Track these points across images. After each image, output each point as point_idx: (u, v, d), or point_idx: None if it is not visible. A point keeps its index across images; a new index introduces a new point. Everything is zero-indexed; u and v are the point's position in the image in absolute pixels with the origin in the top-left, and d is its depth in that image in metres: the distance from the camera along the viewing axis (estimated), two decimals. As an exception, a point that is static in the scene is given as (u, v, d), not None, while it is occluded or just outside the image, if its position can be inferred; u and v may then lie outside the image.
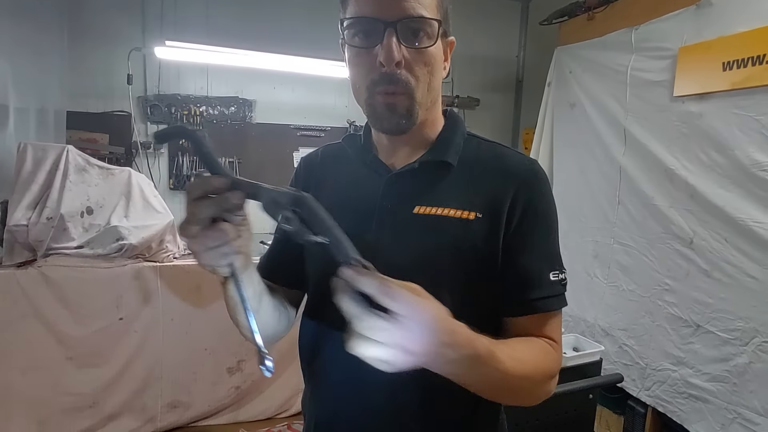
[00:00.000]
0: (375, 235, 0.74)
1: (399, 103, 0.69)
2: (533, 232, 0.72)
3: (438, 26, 0.68)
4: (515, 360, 0.62)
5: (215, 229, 0.54)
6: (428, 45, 0.68)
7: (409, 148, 0.78)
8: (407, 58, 0.67)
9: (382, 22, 0.65)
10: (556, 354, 0.72)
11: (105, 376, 2.27)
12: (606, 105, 2.44)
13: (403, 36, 0.66)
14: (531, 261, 0.72)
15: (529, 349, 0.68)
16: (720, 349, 1.89)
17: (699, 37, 1.94)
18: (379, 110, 0.70)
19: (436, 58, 0.70)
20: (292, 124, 3.42)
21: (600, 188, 2.48)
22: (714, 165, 1.90)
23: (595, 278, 2.51)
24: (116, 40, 2.94)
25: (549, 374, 0.70)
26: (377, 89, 0.69)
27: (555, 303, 0.73)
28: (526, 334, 0.72)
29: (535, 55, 3.80)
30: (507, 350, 0.61)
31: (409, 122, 0.71)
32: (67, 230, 2.19)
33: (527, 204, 0.72)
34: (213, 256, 0.55)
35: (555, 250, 0.75)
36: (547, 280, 0.72)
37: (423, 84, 0.70)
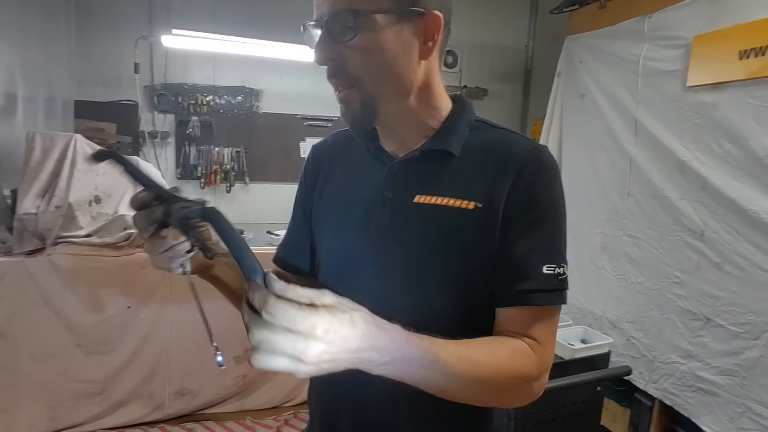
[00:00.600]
0: (377, 223, 0.74)
1: (350, 97, 0.69)
2: (530, 221, 0.68)
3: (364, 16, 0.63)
4: (467, 362, 0.58)
5: (157, 236, 0.62)
6: (351, 38, 0.64)
7: (408, 136, 0.76)
8: (345, 52, 0.66)
9: (315, 22, 0.67)
10: (534, 357, 0.66)
11: (113, 363, 2.29)
12: (617, 95, 2.40)
13: (334, 32, 0.65)
14: (524, 250, 0.68)
15: (488, 352, 0.63)
16: (730, 343, 1.88)
17: (714, 25, 1.89)
18: (339, 106, 0.72)
19: (382, 45, 0.65)
20: (299, 114, 3.41)
21: (609, 179, 2.45)
22: (727, 156, 1.87)
23: (603, 270, 2.49)
24: (123, 29, 2.94)
25: (520, 377, 0.64)
26: (330, 83, 0.71)
27: (544, 298, 0.67)
28: (510, 328, 0.68)
29: (545, 45, 3.76)
30: (457, 351, 0.58)
31: (366, 115, 0.70)
32: (75, 219, 2.21)
33: (525, 191, 0.68)
34: (161, 259, 0.64)
35: (555, 242, 0.70)
36: (540, 273, 0.67)
37: (373, 75, 0.67)
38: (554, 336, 0.71)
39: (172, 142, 3.15)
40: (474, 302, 0.71)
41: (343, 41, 0.65)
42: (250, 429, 2.37)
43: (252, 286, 0.48)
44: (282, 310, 0.46)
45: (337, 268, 0.80)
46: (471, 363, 0.59)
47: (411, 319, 0.57)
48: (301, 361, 0.47)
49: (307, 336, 0.46)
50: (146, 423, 2.35)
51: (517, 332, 0.68)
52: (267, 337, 0.46)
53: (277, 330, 0.46)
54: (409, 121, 0.74)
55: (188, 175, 3.18)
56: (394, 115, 0.72)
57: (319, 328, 0.47)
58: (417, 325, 0.57)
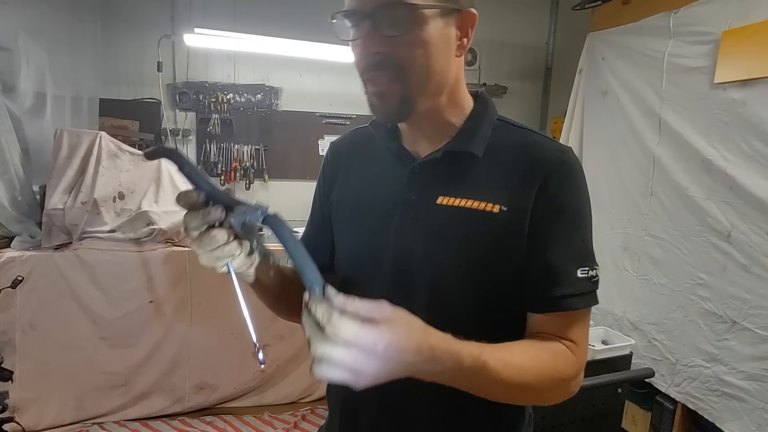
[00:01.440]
0: (398, 226, 0.73)
1: (390, 90, 0.67)
2: (561, 225, 0.68)
3: (419, 9, 0.63)
4: (513, 368, 0.60)
5: (207, 236, 0.60)
6: (408, 32, 0.63)
7: (432, 135, 0.75)
8: (391, 46, 0.64)
9: (360, 13, 0.64)
10: (574, 357, 0.68)
11: (136, 356, 2.34)
12: (640, 93, 2.35)
13: (382, 24, 0.63)
14: (558, 256, 0.68)
15: (533, 356, 0.64)
16: (758, 347, 1.83)
17: (745, 19, 1.84)
18: (371, 100, 0.70)
19: (429, 40, 0.65)
20: (318, 112, 3.42)
21: (632, 179, 2.41)
22: (756, 155, 1.82)
23: (625, 271, 2.45)
24: (146, 28, 2.99)
25: (560, 378, 0.66)
26: (365, 77, 0.69)
27: (580, 302, 0.68)
28: (547, 332, 0.69)
29: (566, 42, 3.70)
30: (504, 358, 0.60)
31: (403, 110, 0.68)
32: (100, 214, 2.26)
33: (555, 196, 0.68)
34: (208, 258, 0.62)
35: (586, 245, 0.70)
36: (575, 277, 0.68)
37: (418, 68, 0.65)
38: (588, 335, 0.72)
39: (193, 139, 3.20)
40: (496, 305, 0.71)
41: (394, 34, 0.64)
42: (268, 424, 2.40)
43: (315, 300, 0.50)
44: (345, 327, 0.48)
45: (356, 267, 0.80)
46: (517, 369, 0.61)
47: (430, 320, 0.57)
48: (361, 375, 0.49)
49: (368, 352, 0.49)
50: (167, 415, 2.40)
51: (553, 335, 0.68)
52: (330, 351, 0.48)
53: (340, 345, 0.48)
54: (436, 118, 0.73)
55: (208, 172, 3.22)
56: (425, 111, 0.70)
57: (380, 344, 0.49)
58: (437, 326, 0.57)
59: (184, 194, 0.60)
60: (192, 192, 0.60)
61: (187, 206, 0.60)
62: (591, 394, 1.60)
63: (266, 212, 0.60)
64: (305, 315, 0.50)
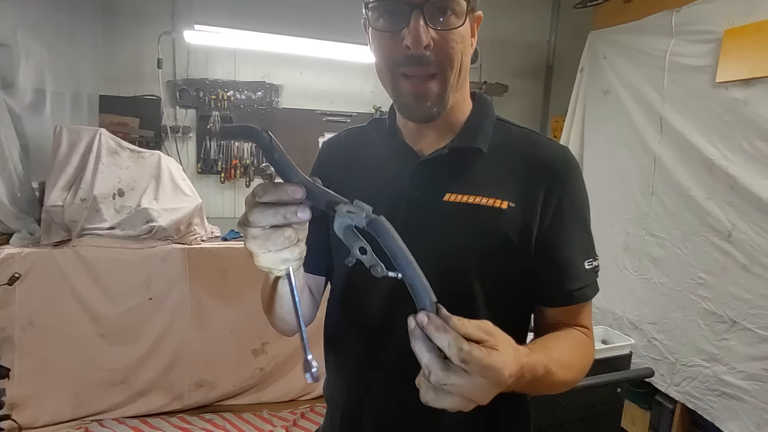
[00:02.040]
0: (403, 224, 0.72)
1: (430, 89, 0.66)
2: (569, 223, 0.72)
3: (467, 4, 0.65)
4: (565, 367, 0.64)
5: (279, 234, 0.50)
6: (458, 25, 0.65)
7: (436, 133, 0.75)
8: (436, 40, 0.64)
9: (408, 3, 0.63)
10: (591, 342, 0.75)
11: (135, 353, 2.34)
12: (642, 92, 2.34)
13: (431, 17, 0.63)
14: (568, 253, 0.72)
15: (575, 352, 0.69)
16: (758, 347, 1.82)
17: (748, 18, 1.83)
18: (407, 99, 0.68)
19: (465, 37, 0.67)
20: (318, 110, 3.41)
21: (632, 178, 2.40)
22: (758, 154, 1.81)
23: (625, 270, 2.44)
24: (146, 25, 2.98)
25: (588, 365, 0.73)
26: (401, 70, 0.67)
27: (591, 292, 0.74)
28: (561, 322, 0.73)
29: (567, 40, 3.69)
30: (560, 359, 0.63)
31: (440, 108, 0.69)
32: (99, 211, 2.25)
33: (562, 195, 0.71)
34: (272, 259, 0.52)
35: (589, 238, 0.76)
36: (584, 269, 0.73)
37: (455, 65, 0.67)
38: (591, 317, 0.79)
39: (193, 136, 3.19)
40: (508, 300, 0.72)
41: (451, 27, 0.64)
42: (267, 421, 2.40)
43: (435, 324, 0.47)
44: (477, 357, 0.46)
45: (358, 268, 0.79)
46: (568, 367, 0.65)
47: None
48: (475, 403, 0.49)
49: (491, 381, 0.48)
50: (166, 412, 2.40)
51: (567, 324, 0.73)
52: (456, 381, 0.47)
53: (464, 376, 0.46)
54: (446, 116, 0.73)
55: (208, 169, 3.21)
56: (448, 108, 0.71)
57: (506, 375, 0.49)
58: None
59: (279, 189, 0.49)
60: (295, 189, 0.50)
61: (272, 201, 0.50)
62: (590, 393, 1.60)
63: (371, 215, 0.51)
64: (422, 340, 0.47)
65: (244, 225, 0.51)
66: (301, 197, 0.50)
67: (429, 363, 0.47)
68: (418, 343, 0.48)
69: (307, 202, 0.51)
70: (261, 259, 0.52)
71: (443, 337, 0.46)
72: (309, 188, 0.50)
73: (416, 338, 0.48)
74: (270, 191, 0.50)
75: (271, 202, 0.50)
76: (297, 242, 0.52)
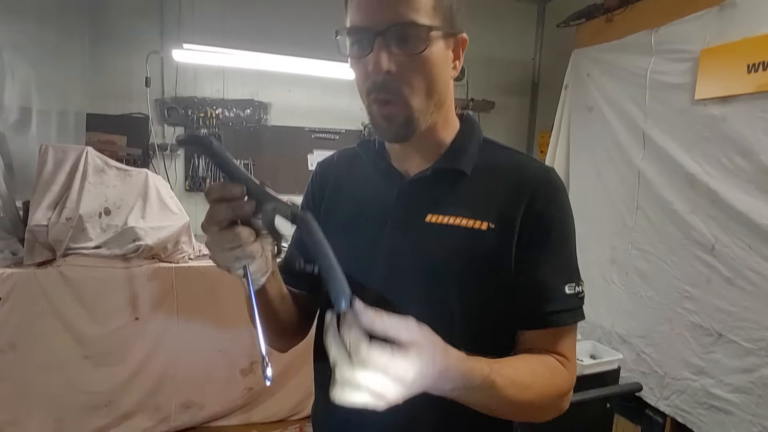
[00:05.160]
0: (388, 243, 0.74)
1: (396, 112, 0.68)
2: (548, 243, 0.70)
3: (429, 30, 0.64)
4: (518, 386, 0.62)
5: (230, 231, 0.55)
6: (420, 50, 0.65)
7: (421, 154, 0.76)
8: (400, 65, 0.65)
9: (372, 31, 0.64)
10: (567, 373, 0.70)
11: (120, 375, 2.29)
12: (624, 108, 2.40)
13: (393, 43, 0.64)
14: (546, 273, 0.70)
15: (534, 374, 0.66)
16: (744, 360, 1.84)
17: (722, 38, 1.89)
18: (377, 120, 0.70)
19: (434, 61, 0.67)
20: (307, 127, 3.43)
21: (618, 193, 2.44)
22: (737, 170, 1.85)
23: (612, 284, 2.46)
24: (135, 44, 2.99)
25: (557, 395, 0.68)
26: (371, 97, 0.68)
27: (569, 317, 0.70)
28: (538, 347, 0.70)
29: (552, 58, 3.76)
30: (510, 376, 0.61)
31: (408, 131, 0.69)
32: (85, 230, 2.23)
33: (541, 214, 0.70)
34: (226, 257, 0.57)
35: (572, 262, 0.73)
36: (563, 293, 0.70)
37: (420, 90, 0.67)
38: (575, 349, 0.74)
39: (181, 154, 3.18)
40: (488, 321, 0.72)
41: (406, 54, 0.64)
42: (255, 443, 2.36)
43: (344, 322, 0.49)
44: (375, 358, 0.47)
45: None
46: (521, 386, 0.62)
47: None
48: (385, 399, 0.49)
49: (395, 380, 0.48)
50: (152, 435, 2.35)
51: (545, 350, 0.70)
52: (355, 377, 0.47)
53: (366, 374, 0.47)
54: (430, 138, 0.74)
55: (197, 187, 3.20)
56: (424, 130, 0.71)
57: (410, 375, 0.49)
58: None
59: (222, 186, 0.55)
60: (234, 186, 0.55)
61: (219, 198, 0.55)
62: (580, 409, 1.60)
63: (296, 211, 0.55)
64: (331, 335, 0.49)
65: (204, 228, 0.57)
66: (241, 193, 0.55)
67: (335, 358, 0.48)
68: (328, 338, 0.49)
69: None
70: (216, 257, 0.58)
71: (347, 334, 0.48)
72: (249, 186, 0.55)
73: (328, 333, 0.49)
74: (215, 189, 0.55)
75: (216, 198, 0.55)
76: (252, 243, 0.57)
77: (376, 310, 0.50)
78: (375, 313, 0.50)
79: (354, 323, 0.49)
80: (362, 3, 0.65)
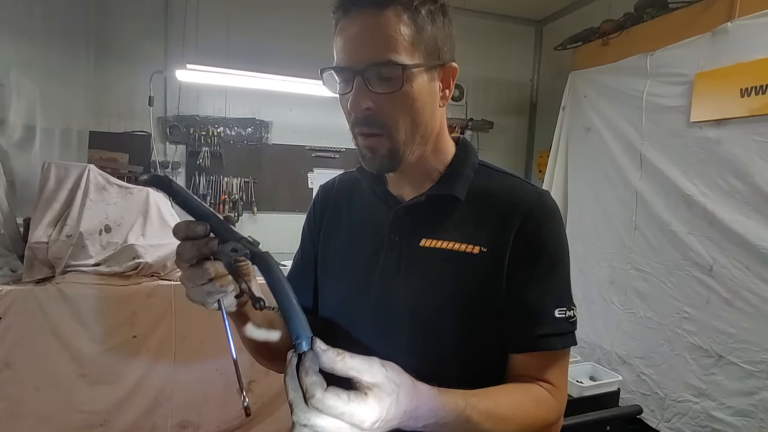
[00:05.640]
0: (383, 267, 0.75)
1: (379, 144, 0.69)
2: (539, 266, 0.70)
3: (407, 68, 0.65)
4: (496, 419, 0.61)
5: (199, 268, 0.58)
6: (398, 89, 0.66)
7: (416, 180, 0.77)
8: (380, 102, 0.67)
9: (351, 71, 0.66)
10: (554, 401, 0.69)
11: (116, 394, 2.27)
12: (621, 129, 2.43)
13: (371, 81, 0.66)
14: (535, 296, 0.69)
15: (516, 405, 0.65)
16: (744, 382, 1.83)
17: (715, 63, 1.93)
18: (362, 152, 0.71)
19: (416, 95, 0.67)
20: (307, 145, 3.47)
21: (616, 213, 2.46)
22: (733, 191, 1.87)
23: (612, 304, 2.46)
24: (139, 63, 3.04)
25: (542, 425, 0.67)
26: (356, 130, 0.70)
27: (558, 342, 0.69)
28: (527, 373, 0.70)
29: (549, 79, 3.82)
30: (488, 408, 0.60)
31: (393, 162, 0.70)
32: (85, 248, 2.23)
33: (532, 237, 0.70)
34: (198, 292, 0.59)
35: (563, 286, 0.72)
36: (552, 317, 0.69)
37: (404, 124, 0.68)
38: (567, 377, 0.73)
39: (182, 172, 3.21)
40: (481, 345, 0.71)
41: (384, 92, 0.66)
42: (251, 464, 2.32)
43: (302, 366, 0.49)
44: (330, 403, 0.47)
45: (341, 306, 0.80)
46: (500, 419, 0.61)
47: (413, 360, 0.58)
48: None
49: (352, 427, 0.48)
50: (147, 456, 2.31)
51: (532, 377, 0.69)
52: (315, 421, 0.47)
53: (321, 419, 0.47)
54: (421, 165, 0.75)
55: (198, 204, 3.23)
56: (412, 161, 0.72)
57: (368, 422, 0.49)
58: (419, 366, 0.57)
59: (186, 226, 0.57)
60: (197, 225, 0.57)
61: (185, 238, 0.57)
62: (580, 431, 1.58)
63: (255, 250, 0.56)
64: (289, 377, 0.49)
65: (177, 265, 0.59)
66: (204, 232, 0.57)
67: (292, 401, 0.48)
68: (286, 379, 0.49)
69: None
70: (189, 293, 0.60)
71: (304, 379, 0.48)
72: (212, 225, 0.57)
73: (286, 374, 0.50)
74: (181, 228, 0.58)
75: (182, 237, 0.57)
76: (221, 278, 0.59)
77: (338, 351, 0.50)
78: (337, 353, 0.50)
79: (312, 366, 0.49)
80: (344, 43, 0.67)
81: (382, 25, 0.64)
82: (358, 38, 0.65)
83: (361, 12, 0.65)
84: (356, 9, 0.65)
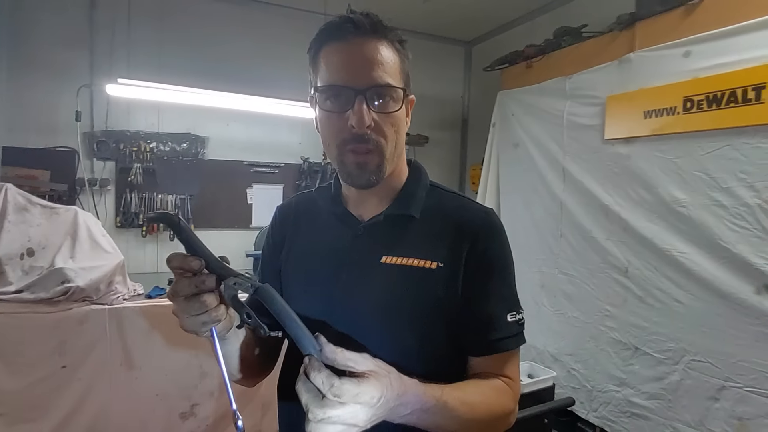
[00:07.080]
0: (344, 284, 0.79)
1: (370, 161, 0.75)
2: (490, 277, 0.79)
3: (403, 93, 0.76)
4: (468, 405, 0.69)
5: (196, 300, 0.62)
6: (395, 109, 0.76)
7: (376, 199, 0.83)
8: (376, 121, 0.74)
9: (353, 90, 0.73)
10: (512, 392, 0.78)
11: (42, 431, 2.10)
12: (546, 145, 2.65)
13: (372, 102, 0.73)
14: (489, 305, 0.78)
15: (481, 393, 0.73)
16: (656, 369, 2.06)
17: (623, 87, 2.18)
18: (350, 168, 0.76)
19: (400, 117, 0.78)
20: (246, 161, 3.42)
21: (544, 222, 2.66)
22: (642, 201, 2.12)
23: (543, 306, 2.66)
24: (62, 76, 2.86)
25: (504, 412, 0.76)
26: (347, 147, 0.75)
27: (512, 342, 0.79)
28: (486, 371, 0.78)
29: (480, 96, 4.06)
30: (460, 397, 0.68)
31: (378, 177, 0.77)
32: (4, 274, 2.06)
33: (483, 253, 0.78)
34: (193, 322, 0.63)
35: (512, 292, 0.82)
36: (505, 321, 0.78)
37: (391, 142, 0.76)
38: (519, 370, 0.84)
39: (112, 189, 3.04)
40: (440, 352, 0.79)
41: (389, 111, 0.75)
42: (197, 492, 2.23)
43: (313, 368, 0.55)
44: (347, 389, 0.54)
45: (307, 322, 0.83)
46: (470, 406, 0.69)
47: None
48: (356, 426, 0.55)
49: (364, 405, 0.55)
50: (79, 496, 2.15)
51: (492, 373, 0.78)
52: (331, 413, 0.53)
53: (340, 406, 0.53)
54: (385, 184, 0.81)
55: (129, 223, 3.06)
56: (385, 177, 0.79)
57: (376, 398, 0.56)
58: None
59: (183, 259, 0.61)
60: (193, 259, 0.61)
61: (179, 268, 0.61)
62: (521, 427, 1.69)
63: (257, 284, 0.61)
64: (302, 382, 0.55)
65: (170, 297, 0.63)
66: (199, 267, 0.61)
67: (307, 402, 0.54)
68: (299, 384, 0.56)
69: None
70: (184, 323, 0.64)
71: (318, 376, 0.54)
72: (210, 261, 0.62)
73: (299, 380, 0.56)
74: (176, 259, 0.62)
75: (176, 267, 0.61)
76: (215, 308, 0.63)
77: (336, 347, 0.57)
78: (336, 348, 0.57)
79: (321, 366, 0.55)
80: (344, 64, 0.73)
81: (381, 52, 0.74)
82: (360, 61, 0.73)
83: (362, 38, 0.73)
84: (354, 36, 0.73)
